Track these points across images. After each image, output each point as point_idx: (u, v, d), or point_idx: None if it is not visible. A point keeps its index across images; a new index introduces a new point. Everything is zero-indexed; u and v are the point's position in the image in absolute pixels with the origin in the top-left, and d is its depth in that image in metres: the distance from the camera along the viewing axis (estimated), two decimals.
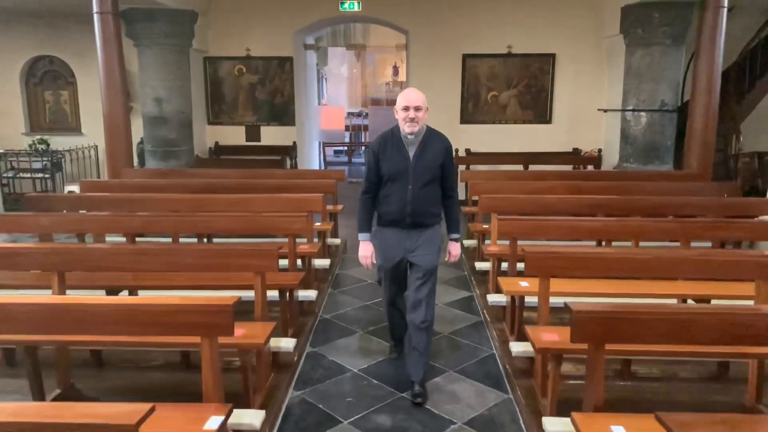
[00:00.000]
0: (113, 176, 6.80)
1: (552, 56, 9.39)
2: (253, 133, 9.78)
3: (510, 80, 9.52)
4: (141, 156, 9.11)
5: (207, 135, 9.76)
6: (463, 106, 9.60)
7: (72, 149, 9.61)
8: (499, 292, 4.38)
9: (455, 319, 4.71)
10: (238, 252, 3.34)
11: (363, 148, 14.67)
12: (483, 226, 5.55)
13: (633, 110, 8.44)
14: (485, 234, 5.47)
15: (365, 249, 3.55)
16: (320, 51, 13.39)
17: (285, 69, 9.62)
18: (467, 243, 6.53)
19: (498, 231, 4.42)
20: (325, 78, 16.46)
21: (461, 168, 8.13)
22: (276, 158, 9.15)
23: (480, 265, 5.45)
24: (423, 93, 3.43)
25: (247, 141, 9.79)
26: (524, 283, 3.84)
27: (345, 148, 14.34)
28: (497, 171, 7.63)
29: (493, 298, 4.45)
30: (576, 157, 9.22)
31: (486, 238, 5.44)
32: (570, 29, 9.27)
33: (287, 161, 9.40)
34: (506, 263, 4.48)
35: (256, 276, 3.28)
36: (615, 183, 5.81)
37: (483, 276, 5.42)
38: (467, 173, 7.09)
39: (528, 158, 8.77)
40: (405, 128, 3.33)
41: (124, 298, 3.03)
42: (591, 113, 9.31)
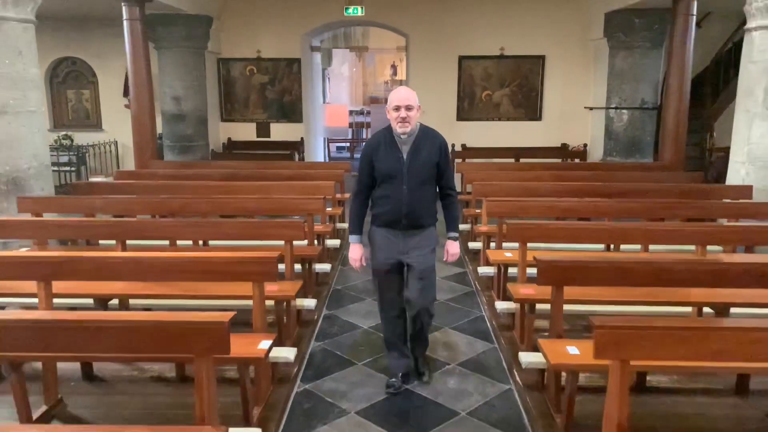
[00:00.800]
0: (141, 167, 7.49)
1: (542, 58, 10.10)
2: (264, 130, 10.47)
3: (503, 80, 10.22)
4: (159, 150, 9.77)
5: (220, 131, 10.44)
6: (460, 105, 10.29)
7: (93, 144, 10.29)
8: (488, 265, 5.10)
9: (451, 290, 5.41)
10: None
11: (364, 144, 15.30)
12: (476, 211, 6.25)
13: (616, 108, 9.15)
14: (477, 217, 6.17)
15: (355, 251, 3.50)
16: (324, 52, 14.07)
17: (293, 70, 10.31)
18: (462, 227, 7.23)
19: (486, 211, 5.12)
20: (328, 78, 17.14)
21: (457, 161, 8.86)
22: (285, 153, 9.82)
23: (473, 245, 6.16)
24: (415, 91, 3.38)
25: (258, 137, 10.48)
26: (508, 254, 4.54)
27: (347, 144, 15.02)
28: (489, 163, 8.31)
29: (483, 270, 5.16)
30: (564, 152, 9.92)
31: (478, 221, 6.14)
32: (559, 33, 9.97)
33: (295, 156, 10.07)
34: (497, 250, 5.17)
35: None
36: (592, 173, 6.52)
37: (475, 255, 6.12)
38: (463, 165, 7.77)
39: (519, 152, 9.44)
40: (397, 128, 3.29)
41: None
42: (578, 111, 10.01)
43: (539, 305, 3.65)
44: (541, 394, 3.39)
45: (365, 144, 3.54)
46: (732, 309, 3.55)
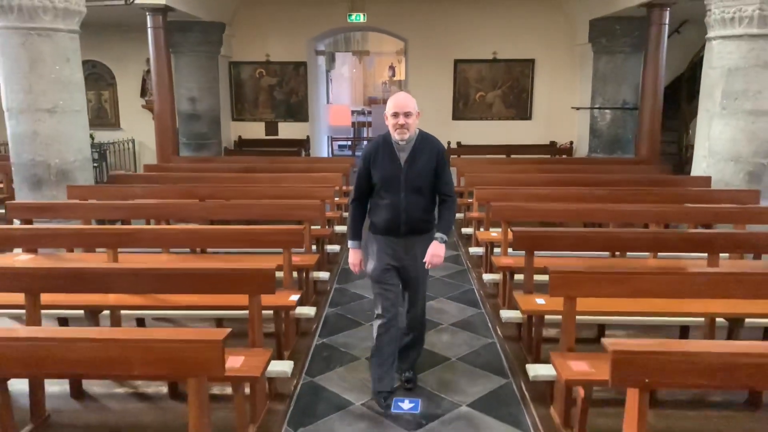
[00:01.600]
0: (163, 161, 8.19)
1: (532, 61, 10.83)
2: (272, 128, 11.19)
3: (495, 82, 10.95)
4: (175, 147, 10.49)
5: (231, 130, 11.16)
6: (455, 105, 11.02)
7: (113, 142, 10.99)
8: (478, 245, 5.83)
9: (445, 269, 6.11)
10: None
11: (365, 143, 16.06)
12: (468, 200, 6.97)
13: (599, 108, 9.90)
14: (470, 205, 6.89)
15: (354, 257, 3.46)
16: (328, 56, 14.79)
17: (299, 72, 11.03)
18: (456, 216, 7.95)
19: (476, 198, 5.84)
20: (331, 79, 17.85)
21: (453, 157, 9.58)
22: (292, 149, 10.56)
23: (465, 230, 6.88)
24: (414, 98, 3.31)
25: (267, 135, 11.20)
26: (495, 234, 5.26)
27: (349, 143, 15.73)
28: (481, 158, 9.04)
29: (473, 250, 5.88)
30: (552, 149, 10.65)
31: (470, 209, 6.86)
32: (547, 38, 10.70)
33: (302, 152, 10.79)
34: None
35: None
36: (572, 166, 7.25)
37: (468, 239, 6.85)
38: (457, 161, 8.49)
39: (510, 149, 10.17)
40: (395, 135, 3.24)
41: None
42: (565, 111, 10.74)
43: (517, 275, 4.37)
44: (517, 344, 4.12)
45: (363, 150, 3.46)
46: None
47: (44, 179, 5.70)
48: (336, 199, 6.76)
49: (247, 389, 3.02)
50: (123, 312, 3.71)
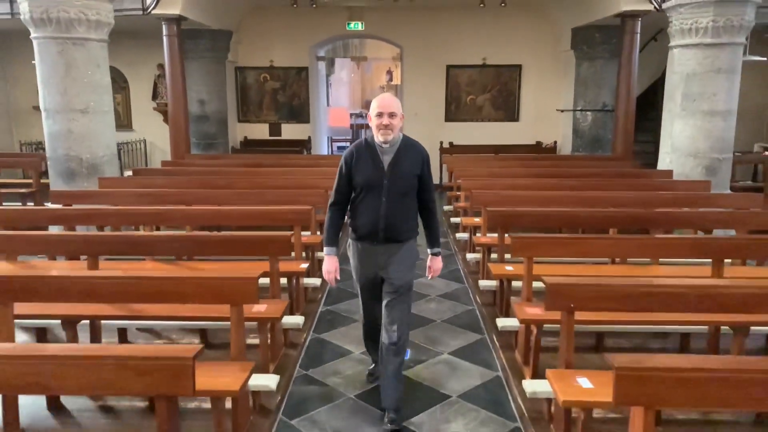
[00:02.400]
0: (177, 159, 8.88)
1: (519, 67, 11.57)
2: (275, 129, 11.90)
3: (485, 86, 11.67)
4: None
5: (237, 130, 11.86)
6: (447, 107, 11.73)
7: (125, 142, 11.68)
8: (465, 231, 6.54)
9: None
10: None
11: (344, 153, 16.78)
12: (457, 193, 7.69)
13: (581, 110, 10.63)
14: (458, 197, 7.61)
15: (330, 263, 3.29)
16: (328, 61, 15.53)
17: (301, 77, 11.75)
18: (446, 208, 8.67)
19: (463, 188, 6.56)
20: (330, 83, 18.58)
21: (445, 156, 10.29)
22: (295, 149, 11.26)
23: (454, 219, 7.59)
24: (398, 99, 3.29)
25: (270, 135, 11.90)
26: (477, 219, 5.97)
27: (348, 143, 16.49)
28: (470, 156, 9.76)
29: (460, 236, 6.60)
30: (538, 148, 11.36)
31: (458, 200, 7.58)
32: (533, 45, 11.43)
33: (304, 152, 11.49)
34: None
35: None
36: (551, 162, 7.97)
37: (456, 227, 7.55)
38: (448, 158, 9.21)
39: (499, 149, 10.85)
40: (378, 136, 3.13)
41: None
42: (550, 113, 11.46)
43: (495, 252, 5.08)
44: (492, 307, 4.82)
45: (345, 152, 3.33)
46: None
47: (77, 172, 6.40)
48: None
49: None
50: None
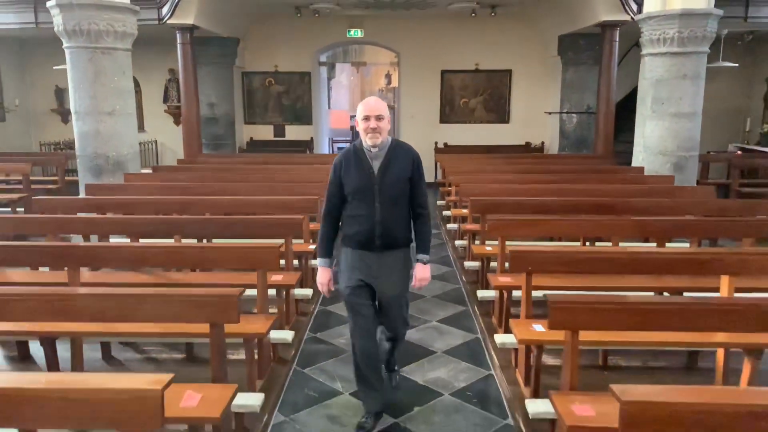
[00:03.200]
0: (189, 157, 9.57)
1: (509, 72, 12.27)
2: (280, 131, 12.60)
3: (477, 90, 12.38)
4: None
5: (244, 132, 12.55)
6: (442, 110, 12.42)
7: (138, 143, 12.34)
8: (454, 222, 7.23)
9: None
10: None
11: (333, 160, 17.50)
12: (448, 188, 8.37)
13: (567, 112, 11.34)
14: (450, 192, 8.30)
15: (323, 275, 3.22)
16: (329, 66, 16.23)
17: (304, 81, 12.45)
18: (440, 203, 9.36)
19: (453, 183, 7.24)
20: (331, 87, 19.28)
21: (439, 155, 10.98)
22: (298, 149, 11.94)
23: (446, 212, 8.28)
24: (385, 102, 3.20)
25: (275, 136, 12.59)
26: (465, 210, 6.66)
27: (348, 144, 17.21)
28: (462, 155, 10.46)
29: (450, 226, 7.29)
30: (527, 149, 12.06)
31: (449, 194, 8.27)
32: (523, 51, 12.13)
33: (307, 151, 12.18)
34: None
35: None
36: (536, 159, 8.66)
37: (448, 219, 8.24)
38: (441, 156, 9.91)
39: (490, 149, 11.55)
40: (367, 140, 3.06)
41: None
42: (538, 115, 12.16)
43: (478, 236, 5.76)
44: (475, 284, 5.49)
45: (334, 160, 3.25)
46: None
47: (104, 168, 7.07)
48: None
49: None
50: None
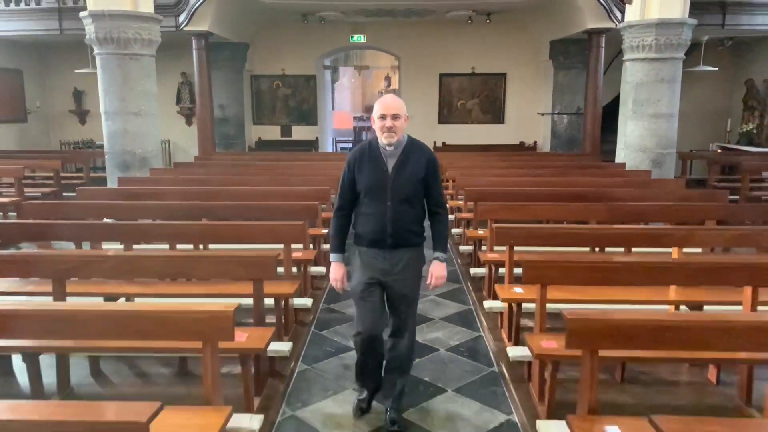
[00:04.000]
0: (204, 155, 10.22)
1: (504, 75, 12.97)
2: (286, 131, 13.28)
3: (474, 92, 13.06)
4: None
5: (253, 132, 13.22)
6: (440, 111, 13.11)
7: None
8: (451, 214, 7.89)
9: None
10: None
11: (347, 156, 18.22)
12: (445, 183, 9.02)
13: (558, 113, 12.02)
14: (447, 186, 8.96)
15: (337, 271, 3.21)
16: (333, 69, 16.92)
17: (310, 84, 13.13)
18: None
19: (449, 177, 7.91)
20: (334, 89, 19.96)
21: (437, 153, 11.64)
22: (304, 148, 12.62)
23: None
24: (402, 101, 3.13)
25: (282, 136, 13.27)
26: (460, 202, 7.32)
27: (350, 144, 17.88)
28: (459, 153, 11.13)
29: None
30: (520, 148, 12.73)
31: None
32: (516, 56, 12.82)
33: (312, 151, 12.85)
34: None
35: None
36: (527, 156, 9.34)
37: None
38: (440, 155, 10.56)
39: (486, 148, 12.21)
40: (382, 139, 3.05)
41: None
42: (532, 116, 12.84)
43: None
44: (468, 266, 6.14)
45: (348, 156, 3.24)
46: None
47: (131, 164, 7.73)
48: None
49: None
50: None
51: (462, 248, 6.14)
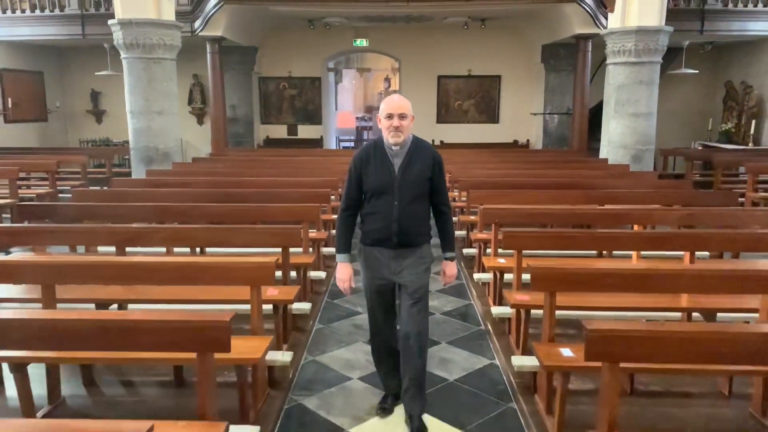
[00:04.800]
0: (217, 152, 10.93)
1: (498, 77, 13.69)
2: (293, 130, 14.00)
3: (470, 93, 13.79)
4: None
5: (260, 131, 13.94)
6: (438, 111, 13.83)
7: None
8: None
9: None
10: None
11: (353, 156, 18.96)
12: None
13: (549, 113, 12.75)
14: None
15: (343, 271, 3.23)
16: (336, 71, 17.66)
17: (315, 85, 13.85)
18: None
19: (447, 171, 8.61)
20: (337, 91, 20.67)
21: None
22: (310, 146, 13.33)
23: None
24: (409, 101, 3.16)
25: (288, 135, 13.99)
26: (456, 192, 8.03)
27: (352, 143, 18.61)
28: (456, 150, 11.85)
29: None
30: (514, 146, 13.44)
31: None
32: (511, 59, 13.55)
33: (317, 149, 13.56)
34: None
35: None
36: (518, 153, 10.05)
37: None
38: (439, 152, 11.28)
39: (481, 147, 12.93)
40: (389, 138, 3.08)
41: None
42: (525, 116, 13.56)
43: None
44: (461, 248, 6.84)
45: (354, 155, 3.27)
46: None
47: (154, 158, 8.44)
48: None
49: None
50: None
51: (457, 233, 6.66)
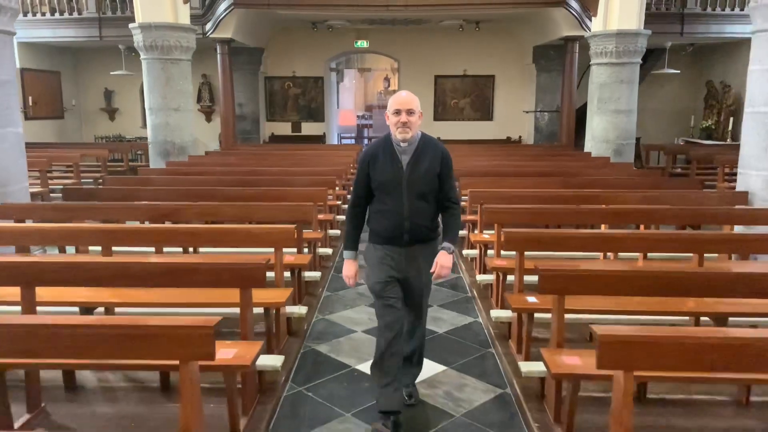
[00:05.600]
0: (227, 148, 11.61)
1: (492, 77, 14.38)
2: (297, 127, 14.69)
3: (465, 92, 14.48)
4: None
5: (266, 127, 14.63)
6: (435, 109, 14.52)
7: None
8: None
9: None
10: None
11: (365, 140, 19.67)
12: None
13: (540, 111, 13.44)
14: None
15: (349, 268, 3.23)
16: (338, 71, 18.36)
17: (318, 84, 14.54)
18: None
19: None
20: (339, 90, 21.36)
21: None
22: (313, 143, 14.02)
23: None
24: (417, 97, 3.10)
25: (292, 132, 14.67)
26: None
27: (353, 140, 19.32)
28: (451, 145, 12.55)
29: None
30: (507, 142, 14.15)
31: None
32: (504, 59, 14.24)
33: (321, 144, 14.26)
34: None
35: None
36: (511, 147, 10.75)
37: None
38: None
39: (476, 143, 13.64)
40: (397, 135, 3.04)
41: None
42: (517, 113, 14.25)
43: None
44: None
45: (362, 152, 3.28)
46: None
47: (170, 152, 9.13)
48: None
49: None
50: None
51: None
